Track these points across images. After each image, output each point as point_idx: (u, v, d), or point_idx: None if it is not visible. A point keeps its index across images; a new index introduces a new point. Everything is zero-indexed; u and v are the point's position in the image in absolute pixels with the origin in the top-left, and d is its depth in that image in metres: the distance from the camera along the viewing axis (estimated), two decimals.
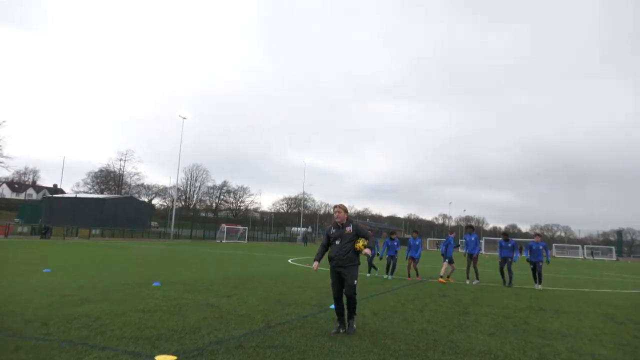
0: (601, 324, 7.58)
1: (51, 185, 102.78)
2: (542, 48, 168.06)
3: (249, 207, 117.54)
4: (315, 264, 6.20)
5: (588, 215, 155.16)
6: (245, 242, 60.41)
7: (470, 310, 8.38)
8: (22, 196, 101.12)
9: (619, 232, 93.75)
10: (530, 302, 9.95)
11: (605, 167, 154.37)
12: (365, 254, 5.97)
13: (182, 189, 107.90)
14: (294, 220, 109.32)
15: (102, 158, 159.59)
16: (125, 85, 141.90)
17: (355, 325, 6.03)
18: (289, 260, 21.77)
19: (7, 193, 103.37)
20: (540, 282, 13.57)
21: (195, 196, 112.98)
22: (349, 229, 6.00)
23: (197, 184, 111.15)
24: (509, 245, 14.66)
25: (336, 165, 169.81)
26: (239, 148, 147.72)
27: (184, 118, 55.92)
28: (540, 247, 13.84)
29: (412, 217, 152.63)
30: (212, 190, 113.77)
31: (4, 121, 69.20)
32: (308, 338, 5.42)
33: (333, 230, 6.10)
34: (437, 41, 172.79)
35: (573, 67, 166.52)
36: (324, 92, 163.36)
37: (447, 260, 14.67)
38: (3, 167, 71.15)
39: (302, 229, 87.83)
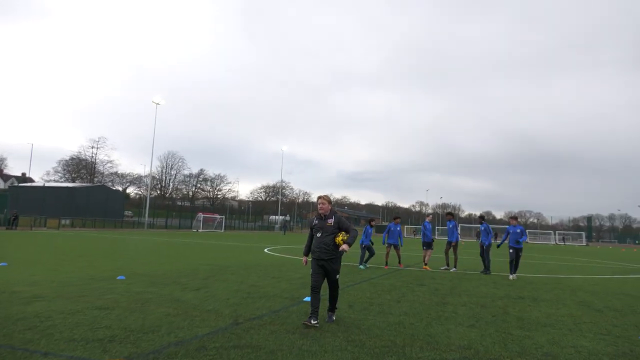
0: (579, 311, 7.46)
1: (19, 174, 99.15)
2: (519, 38, 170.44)
3: (226, 196, 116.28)
4: (304, 258, 6.11)
5: (559, 202, 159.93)
6: (222, 231, 59.58)
7: (448, 300, 8.16)
8: None
9: (589, 218, 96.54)
10: (508, 291, 9.82)
11: (576, 156, 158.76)
12: (343, 250, 5.63)
13: (157, 177, 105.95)
14: (272, 208, 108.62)
15: (73, 145, 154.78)
16: (97, 68, 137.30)
17: (334, 318, 5.95)
18: (265, 250, 21.35)
19: None
20: (515, 272, 12.69)
21: (171, 185, 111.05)
22: (331, 221, 5.78)
23: (173, 172, 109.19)
24: (482, 229, 14.40)
25: (315, 153, 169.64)
26: (216, 136, 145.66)
27: (157, 104, 54.44)
28: (518, 231, 12.86)
29: (390, 204, 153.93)
30: (188, 179, 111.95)
31: None
32: (278, 335, 5.05)
33: (316, 222, 5.91)
34: (416, 30, 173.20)
35: (548, 58, 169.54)
36: (303, 81, 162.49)
37: (425, 246, 14.54)
38: None
39: (280, 217, 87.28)
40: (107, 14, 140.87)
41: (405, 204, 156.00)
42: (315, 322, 5.49)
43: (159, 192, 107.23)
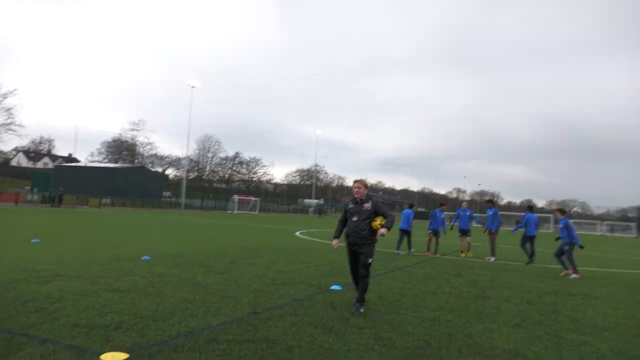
0: None
1: (66, 155, 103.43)
2: (565, 21, 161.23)
3: (261, 179, 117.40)
4: (335, 241, 5.94)
5: (605, 191, 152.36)
6: (257, 213, 60.09)
7: (488, 293, 7.46)
8: (38, 165, 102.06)
9: None
10: (555, 285, 8.98)
11: (623, 144, 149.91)
12: (381, 234, 5.51)
13: (194, 159, 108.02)
14: (306, 192, 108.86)
15: (116, 127, 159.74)
16: (138, 53, 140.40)
17: (362, 310, 5.53)
18: (297, 233, 21.04)
19: (24, 162, 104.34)
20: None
21: (208, 167, 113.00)
22: (368, 205, 5.66)
23: (210, 155, 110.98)
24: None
25: (350, 138, 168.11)
26: (252, 120, 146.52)
27: (193, 87, 54.90)
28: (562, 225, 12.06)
29: (426, 190, 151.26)
30: (224, 162, 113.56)
31: (15, 90, 69.04)
32: (298, 329, 4.57)
33: (351, 206, 5.79)
34: (455, 11, 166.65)
35: (596, 43, 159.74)
36: (339, 65, 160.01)
37: (461, 234, 13.81)
38: (16, 135, 71.68)
39: (315, 200, 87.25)
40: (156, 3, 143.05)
41: (442, 190, 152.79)
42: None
43: (196, 174, 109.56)
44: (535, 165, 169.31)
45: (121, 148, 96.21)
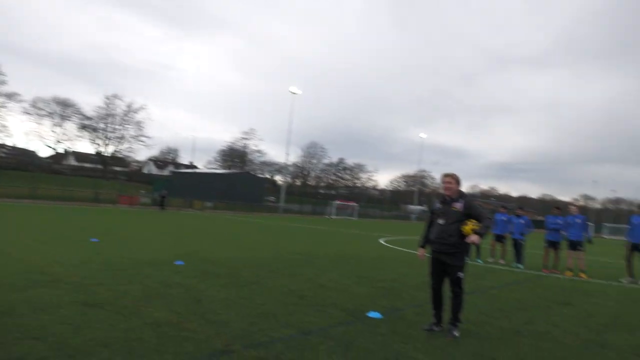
0: None
1: (187, 163, 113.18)
2: None
3: (365, 184, 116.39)
4: (421, 251, 5.02)
5: None
6: (356, 218, 58.77)
7: (608, 338, 5.00)
8: (165, 172, 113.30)
9: None
10: None
11: None
12: (472, 242, 4.56)
13: (299, 165, 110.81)
14: (411, 198, 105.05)
15: (228, 136, 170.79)
16: (245, 64, 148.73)
17: (457, 334, 4.57)
18: (381, 240, 19.10)
19: (154, 170, 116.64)
20: None
21: (313, 173, 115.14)
22: (459, 205, 4.67)
23: (315, 161, 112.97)
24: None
25: (464, 142, 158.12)
26: (359, 125, 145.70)
27: (294, 94, 55.55)
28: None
29: (547, 197, 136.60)
30: (328, 167, 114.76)
31: (144, 105, 77.12)
32: None
33: (438, 206, 4.83)
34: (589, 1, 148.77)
35: None
36: (454, 66, 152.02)
37: (570, 247, 10.84)
38: (143, 145, 79.83)
39: (418, 207, 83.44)
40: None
41: (565, 197, 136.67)
42: (438, 328, 4.73)
43: (301, 180, 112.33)
44: None
45: (233, 156, 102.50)
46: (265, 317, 4.78)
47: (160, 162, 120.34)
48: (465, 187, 4.36)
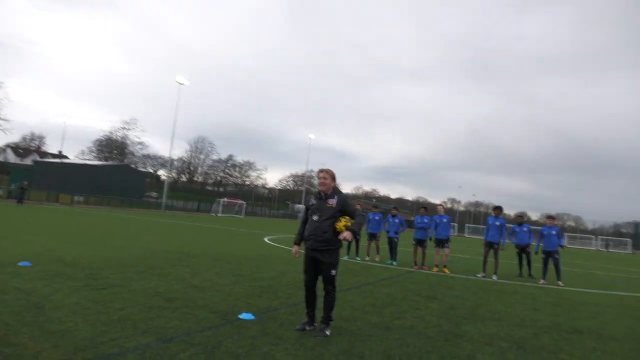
0: None
1: (56, 152, 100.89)
2: (567, 35, 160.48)
3: (254, 183, 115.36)
4: (296, 248, 4.94)
5: (600, 206, 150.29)
6: (243, 216, 57.84)
7: (465, 329, 5.37)
8: (26, 162, 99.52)
9: (637, 225, 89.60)
10: (554, 315, 6.91)
11: (620, 159, 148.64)
12: (344, 238, 4.48)
13: (186, 161, 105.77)
14: (299, 197, 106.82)
15: (107, 126, 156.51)
16: (130, 49, 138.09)
17: (328, 332, 4.50)
18: (265, 239, 18.90)
19: (12, 158, 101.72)
20: (559, 278, 11.16)
21: (200, 169, 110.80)
22: (333, 201, 4.63)
23: (202, 157, 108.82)
24: (524, 229, 12.69)
25: (350, 145, 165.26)
26: (248, 122, 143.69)
27: (182, 84, 52.82)
28: (553, 233, 11.35)
29: (421, 199, 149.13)
30: (217, 164, 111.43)
31: (1, 82, 66.76)
32: None
33: (313, 202, 4.79)
34: (465, 25, 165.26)
35: (596, 58, 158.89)
36: (343, 71, 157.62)
37: (437, 244, 11.77)
38: (0, 130, 69.25)
39: (304, 206, 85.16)
40: None
41: (436, 200, 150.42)
42: (311, 327, 4.63)
43: (187, 175, 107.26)
44: (533, 178, 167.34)
45: (112, 147, 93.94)
46: (120, 324, 4.22)
47: (21, 149, 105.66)
48: (349, 188, 4.35)
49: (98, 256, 8.67)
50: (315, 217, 4.64)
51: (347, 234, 4.44)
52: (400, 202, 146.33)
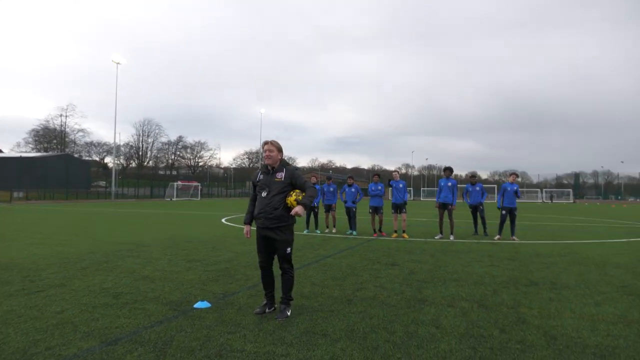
0: (633, 308, 4.72)
1: None
2: None
3: (207, 163, 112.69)
4: (247, 228, 4.57)
5: (544, 161, 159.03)
6: (199, 199, 56.56)
7: (426, 294, 5.35)
8: None
9: (576, 175, 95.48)
10: (511, 270, 7.08)
11: (560, 115, 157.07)
12: (296, 214, 4.22)
13: (133, 145, 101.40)
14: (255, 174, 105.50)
15: (43, 114, 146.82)
16: (64, 28, 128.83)
17: (289, 313, 4.29)
18: (223, 220, 18.44)
19: None
20: (513, 233, 11.58)
21: (149, 153, 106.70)
22: (281, 175, 4.36)
23: (150, 140, 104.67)
24: (477, 189, 13.13)
25: (303, 118, 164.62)
26: (195, 101, 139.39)
27: (118, 63, 49.86)
28: (515, 189, 11.77)
29: (376, 167, 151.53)
30: (166, 147, 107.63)
31: None
32: None
33: (260, 177, 4.46)
34: None
35: (535, 15, 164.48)
36: (289, 42, 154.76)
37: (395, 210, 11.88)
38: None
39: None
40: None
41: (391, 166, 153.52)
42: (271, 309, 4.44)
43: (137, 161, 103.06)
44: (481, 138, 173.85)
45: (50, 137, 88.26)
46: (59, 329, 3.83)
47: None
48: (305, 161, 4.05)
49: (37, 255, 8.03)
50: (264, 194, 4.36)
51: (299, 209, 4.22)
52: (357, 172, 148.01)
